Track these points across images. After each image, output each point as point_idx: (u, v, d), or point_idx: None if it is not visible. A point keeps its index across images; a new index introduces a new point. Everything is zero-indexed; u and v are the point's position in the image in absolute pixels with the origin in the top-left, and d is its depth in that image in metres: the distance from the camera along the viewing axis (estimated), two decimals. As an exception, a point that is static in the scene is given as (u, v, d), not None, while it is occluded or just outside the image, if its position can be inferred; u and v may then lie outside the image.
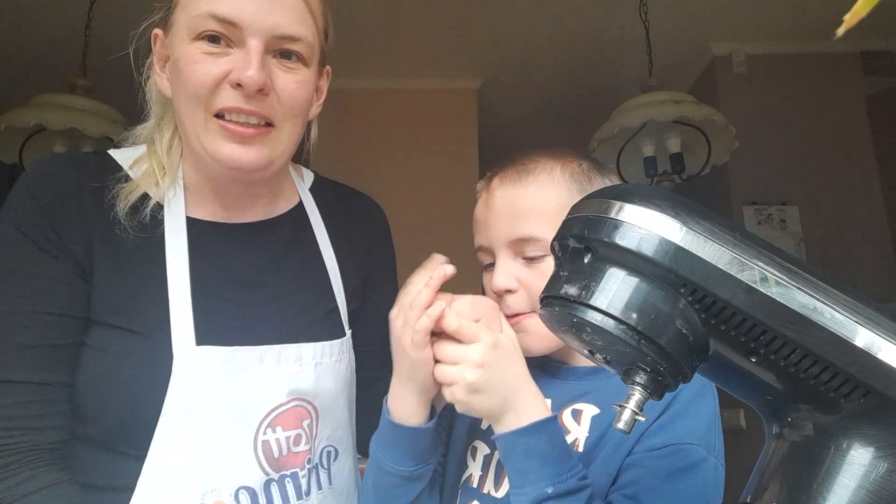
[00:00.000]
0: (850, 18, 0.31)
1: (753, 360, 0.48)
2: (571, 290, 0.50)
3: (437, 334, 0.70)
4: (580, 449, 0.74)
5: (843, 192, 2.98)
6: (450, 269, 0.70)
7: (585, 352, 0.54)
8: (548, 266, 0.73)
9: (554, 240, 0.55)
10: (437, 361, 0.70)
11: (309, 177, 0.97)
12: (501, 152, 0.89)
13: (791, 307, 0.45)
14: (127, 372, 0.72)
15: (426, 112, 3.45)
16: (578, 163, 0.83)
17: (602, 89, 3.36)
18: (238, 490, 0.74)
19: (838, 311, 0.45)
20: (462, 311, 0.70)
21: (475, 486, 0.79)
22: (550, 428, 0.67)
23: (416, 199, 3.28)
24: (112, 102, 2.40)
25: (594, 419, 0.75)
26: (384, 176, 3.34)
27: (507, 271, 0.77)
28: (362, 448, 0.93)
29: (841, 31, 0.31)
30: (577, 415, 0.76)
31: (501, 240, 0.78)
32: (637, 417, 0.49)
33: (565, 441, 0.69)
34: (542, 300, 0.54)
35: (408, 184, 3.31)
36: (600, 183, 0.80)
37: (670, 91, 2.46)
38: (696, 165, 2.49)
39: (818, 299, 0.45)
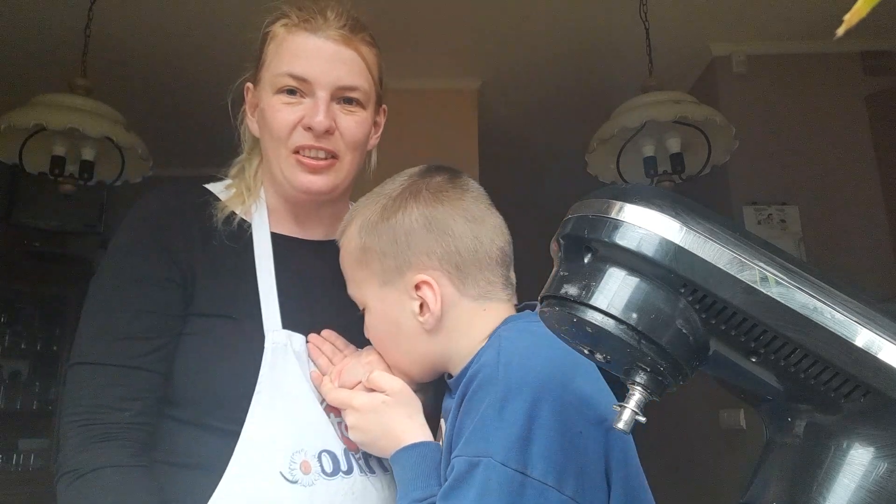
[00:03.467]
0: (850, 18, 0.31)
1: (753, 360, 0.48)
2: (571, 290, 0.50)
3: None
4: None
5: (843, 192, 2.98)
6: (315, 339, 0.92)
7: (586, 351, 0.54)
8: (367, 320, 0.86)
9: (554, 239, 0.55)
10: None
11: None
12: (501, 152, 0.92)
13: (791, 307, 0.45)
14: (226, 350, 0.86)
15: (426, 112, 3.45)
16: (371, 211, 0.85)
17: (602, 89, 3.35)
18: (321, 452, 0.85)
19: (838, 311, 0.45)
20: (344, 381, 0.85)
21: None
22: (403, 457, 0.78)
23: (416, 199, 3.27)
24: (112, 102, 2.40)
25: (446, 435, 0.75)
26: (383, 175, 3.34)
27: (364, 323, 0.88)
28: None
29: (841, 31, 0.31)
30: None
31: None
32: (637, 417, 0.49)
33: (419, 466, 0.75)
34: (541, 300, 0.54)
35: (408, 184, 3.31)
36: (384, 229, 0.83)
37: (670, 91, 2.46)
38: (696, 165, 2.48)
39: (818, 299, 0.46)
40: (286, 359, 0.87)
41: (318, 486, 0.83)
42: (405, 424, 0.80)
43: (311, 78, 0.91)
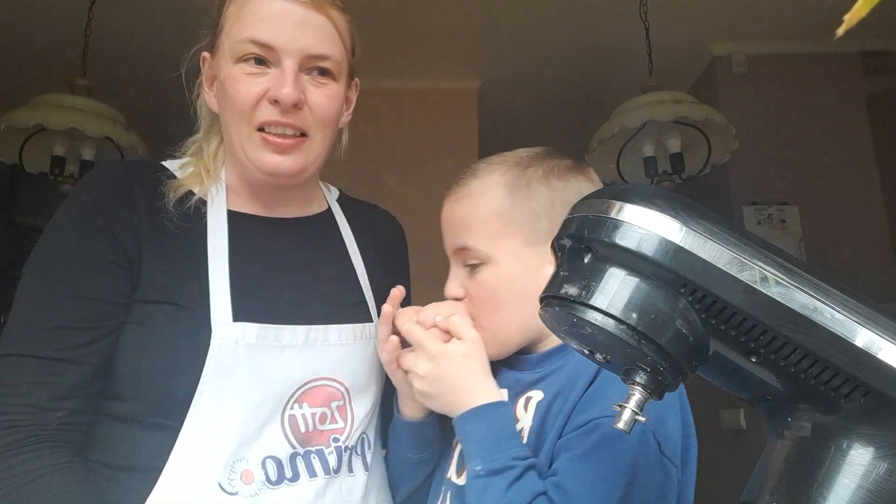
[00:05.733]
0: (850, 18, 0.31)
1: (753, 360, 0.48)
2: (571, 290, 0.50)
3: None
4: (525, 438, 0.76)
5: (843, 192, 2.98)
6: (397, 290, 0.85)
7: (585, 351, 0.54)
8: (484, 275, 0.81)
9: (553, 239, 0.55)
10: None
11: (335, 191, 1.05)
12: (501, 152, 0.91)
13: (791, 307, 0.45)
14: (170, 341, 0.78)
15: (426, 112, 3.45)
16: (521, 171, 0.83)
17: (602, 89, 3.35)
18: (265, 459, 0.78)
19: (838, 311, 0.45)
20: (423, 319, 0.81)
21: (447, 474, 0.85)
22: (487, 414, 0.74)
23: (415, 199, 3.27)
24: (112, 102, 2.40)
25: (538, 405, 0.77)
26: (384, 176, 3.34)
27: (455, 279, 0.85)
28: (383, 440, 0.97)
29: (841, 30, 0.31)
30: (527, 403, 0.79)
31: (449, 250, 0.86)
32: (637, 417, 0.49)
33: (507, 426, 0.74)
34: (541, 300, 0.54)
35: (407, 184, 3.31)
36: (541, 191, 0.81)
37: (670, 91, 2.46)
38: (696, 165, 2.48)
39: (818, 299, 0.46)
40: (235, 356, 0.77)
41: (263, 496, 0.76)
42: (483, 381, 0.76)
43: (277, 45, 0.81)
